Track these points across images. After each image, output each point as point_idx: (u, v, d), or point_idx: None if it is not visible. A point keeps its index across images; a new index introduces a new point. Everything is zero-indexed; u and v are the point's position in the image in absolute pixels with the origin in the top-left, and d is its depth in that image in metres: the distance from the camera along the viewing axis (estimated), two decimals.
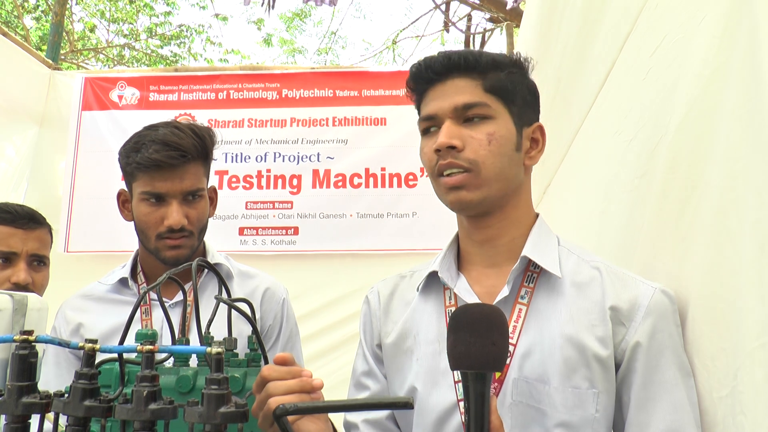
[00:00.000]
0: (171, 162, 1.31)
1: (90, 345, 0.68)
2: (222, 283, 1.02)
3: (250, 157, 3.51)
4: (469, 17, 5.73)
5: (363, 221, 3.39)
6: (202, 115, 3.52)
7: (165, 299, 1.28)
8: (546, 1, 2.27)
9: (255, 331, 0.92)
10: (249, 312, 0.91)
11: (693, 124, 1.00)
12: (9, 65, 3.40)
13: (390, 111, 3.50)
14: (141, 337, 0.79)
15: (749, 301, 0.77)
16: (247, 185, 3.47)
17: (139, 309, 1.18)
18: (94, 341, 0.68)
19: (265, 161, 3.50)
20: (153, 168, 1.31)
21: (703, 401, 0.88)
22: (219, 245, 1.58)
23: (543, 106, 1.07)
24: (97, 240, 3.34)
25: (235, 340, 0.91)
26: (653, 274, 1.07)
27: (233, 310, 0.93)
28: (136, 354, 0.69)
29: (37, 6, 9.67)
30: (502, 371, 0.92)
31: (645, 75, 1.27)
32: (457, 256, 1.07)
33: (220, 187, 3.41)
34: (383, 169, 3.44)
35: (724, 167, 0.87)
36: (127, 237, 1.64)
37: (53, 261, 1.64)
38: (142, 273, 1.43)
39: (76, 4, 9.40)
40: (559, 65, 2.05)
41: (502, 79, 0.98)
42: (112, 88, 3.62)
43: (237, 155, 3.51)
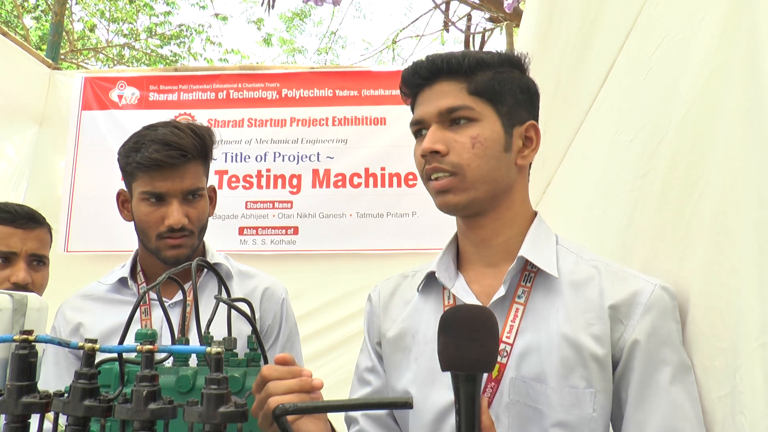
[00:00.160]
0: (171, 161, 1.31)
1: (90, 345, 0.68)
2: (221, 282, 1.02)
3: (249, 157, 3.51)
4: (469, 17, 5.73)
5: (363, 221, 3.39)
6: (202, 115, 3.52)
7: (165, 299, 1.28)
8: (545, 1, 2.27)
9: (254, 330, 0.92)
10: (248, 312, 0.91)
11: (693, 123, 1.00)
12: (9, 65, 3.40)
13: (390, 111, 3.50)
14: (140, 336, 0.79)
15: (749, 300, 0.77)
16: (247, 185, 3.47)
17: (138, 309, 1.18)
18: (94, 341, 0.68)
19: (264, 161, 3.50)
20: (153, 167, 1.32)
21: (702, 401, 0.88)
22: (219, 245, 1.58)
23: (543, 106, 1.07)
24: (97, 240, 3.34)
25: (234, 339, 0.91)
26: (653, 273, 1.06)
27: (233, 310, 0.93)
28: (135, 354, 0.69)
29: (37, 6, 9.67)
30: (493, 372, 0.92)
31: (645, 75, 1.27)
32: (457, 256, 1.07)
33: (220, 186, 3.41)
34: (383, 168, 3.44)
35: (724, 167, 0.87)
36: (127, 237, 1.64)
37: (53, 261, 1.64)
38: (141, 273, 1.43)
39: (76, 3, 9.40)
40: (559, 65, 2.04)
41: (489, 80, 0.98)
42: (111, 87, 3.62)
43: (237, 155, 3.51)
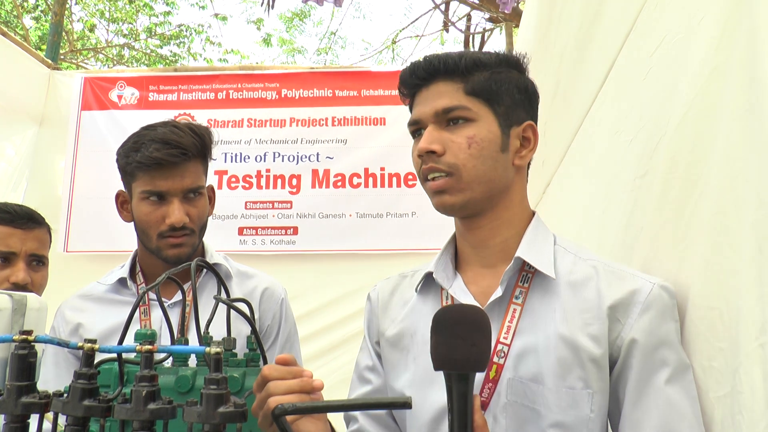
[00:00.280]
0: (172, 160, 1.31)
1: (89, 345, 0.68)
2: (221, 283, 1.02)
3: (249, 157, 3.51)
4: (469, 17, 5.72)
5: (362, 221, 3.39)
6: (202, 115, 3.52)
7: (164, 299, 1.28)
8: (545, 1, 2.27)
9: (254, 330, 0.92)
10: (248, 312, 0.91)
11: (692, 123, 1.00)
12: (8, 65, 3.40)
13: (389, 111, 3.50)
14: (140, 336, 0.79)
15: (748, 301, 0.77)
16: (247, 185, 3.47)
17: (138, 309, 1.18)
18: (93, 341, 0.68)
19: (264, 161, 3.50)
20: (154, 166, 1.32)
21: (701, 401, 0.88)
22: (218, 245, 1.58)
23: (543, 106, 1.07)
24: (97, 240, 3.34)
25: (233, 339, 0.91)
26: (653, 273, 1.06)
27: (232, 310, 0.93)
28: (135, 354, 0.69)
29: (37, 6, 9.67)
30: (491, 372, 0.92)
31: (645, 75, 1.27)
32: (455, 257, 1.07)
33: (220, 186, 3.41)
34: (382, 168, 3.44)
35: (724, 167, 0.87)
36: (127, 237, 1.64)
37: (52, 261, 1.64)
38: (141, 273, 1.43)
39: (76, 3, 9.40)
40: (559, 65, 2.04)
41: (486, 80, 0.98)
42: (111, 87, 3.62)
43: (236, 155, 3.51)
